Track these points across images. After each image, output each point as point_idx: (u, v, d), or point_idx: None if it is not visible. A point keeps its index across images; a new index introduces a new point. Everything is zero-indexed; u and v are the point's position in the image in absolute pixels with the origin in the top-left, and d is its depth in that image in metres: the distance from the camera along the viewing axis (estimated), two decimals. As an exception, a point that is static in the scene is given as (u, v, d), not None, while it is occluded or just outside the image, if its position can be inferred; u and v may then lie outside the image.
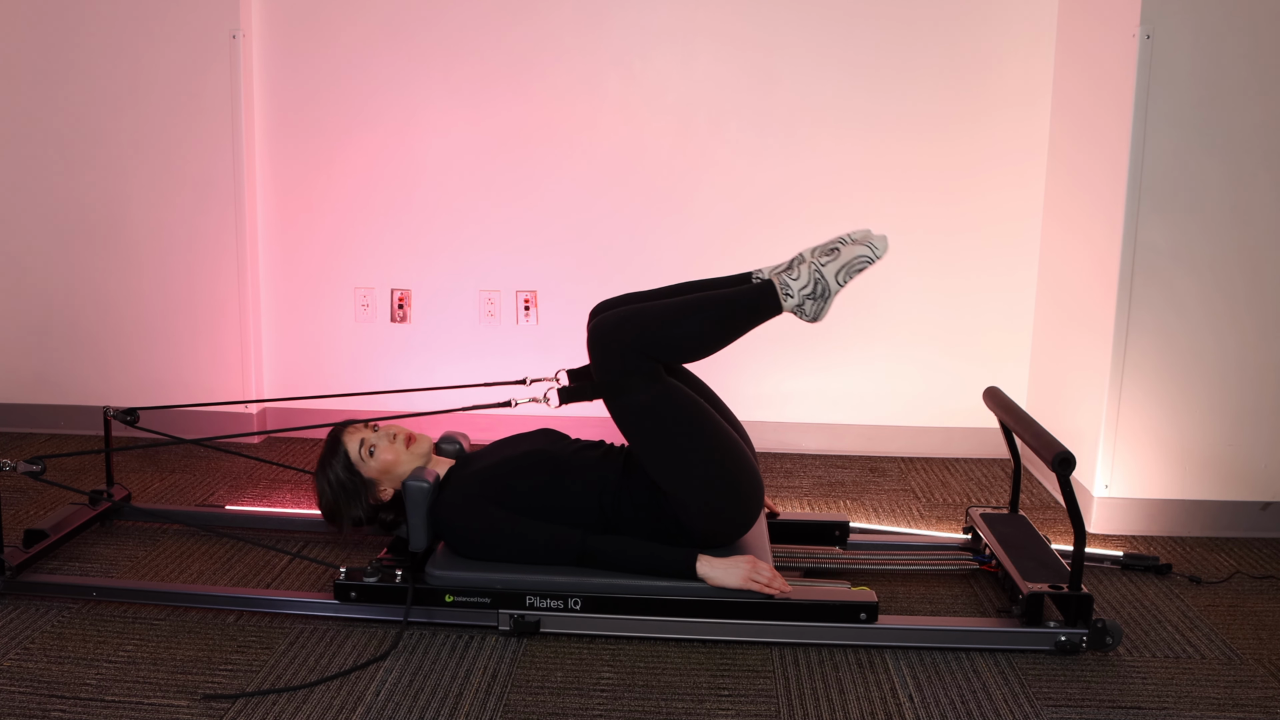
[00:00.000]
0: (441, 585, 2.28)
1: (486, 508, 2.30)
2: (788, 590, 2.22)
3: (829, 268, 2.22)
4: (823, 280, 2.22)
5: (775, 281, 2.24)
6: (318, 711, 2.00)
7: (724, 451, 2.27)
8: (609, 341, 2.23)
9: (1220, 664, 2.22)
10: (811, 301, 2.23)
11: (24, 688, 2.06)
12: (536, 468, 2.35)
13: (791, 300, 2.23)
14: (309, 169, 3.59)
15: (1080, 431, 3.02)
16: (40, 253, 3.65)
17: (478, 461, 2.41)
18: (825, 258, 2.24)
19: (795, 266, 2.26)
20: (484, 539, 2.29)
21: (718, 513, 2.28)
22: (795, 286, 2.23)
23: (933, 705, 2.05)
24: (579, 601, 2.25)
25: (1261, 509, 2.91)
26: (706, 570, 2.22)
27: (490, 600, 2.26)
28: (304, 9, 3.51)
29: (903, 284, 3.51)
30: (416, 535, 2.33)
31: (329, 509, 2.39)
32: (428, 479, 2.32)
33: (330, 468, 2.37)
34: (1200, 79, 2.74)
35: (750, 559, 2.24)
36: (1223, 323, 2.83)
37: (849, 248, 2.23)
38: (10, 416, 3.75)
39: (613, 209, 3.54)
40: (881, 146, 3.45)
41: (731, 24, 3.43)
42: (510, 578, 2.26)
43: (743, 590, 2.21)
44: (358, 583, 2.31)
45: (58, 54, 3.52)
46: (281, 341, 3.70)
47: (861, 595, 2.25)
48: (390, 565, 2.35)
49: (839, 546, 2.67)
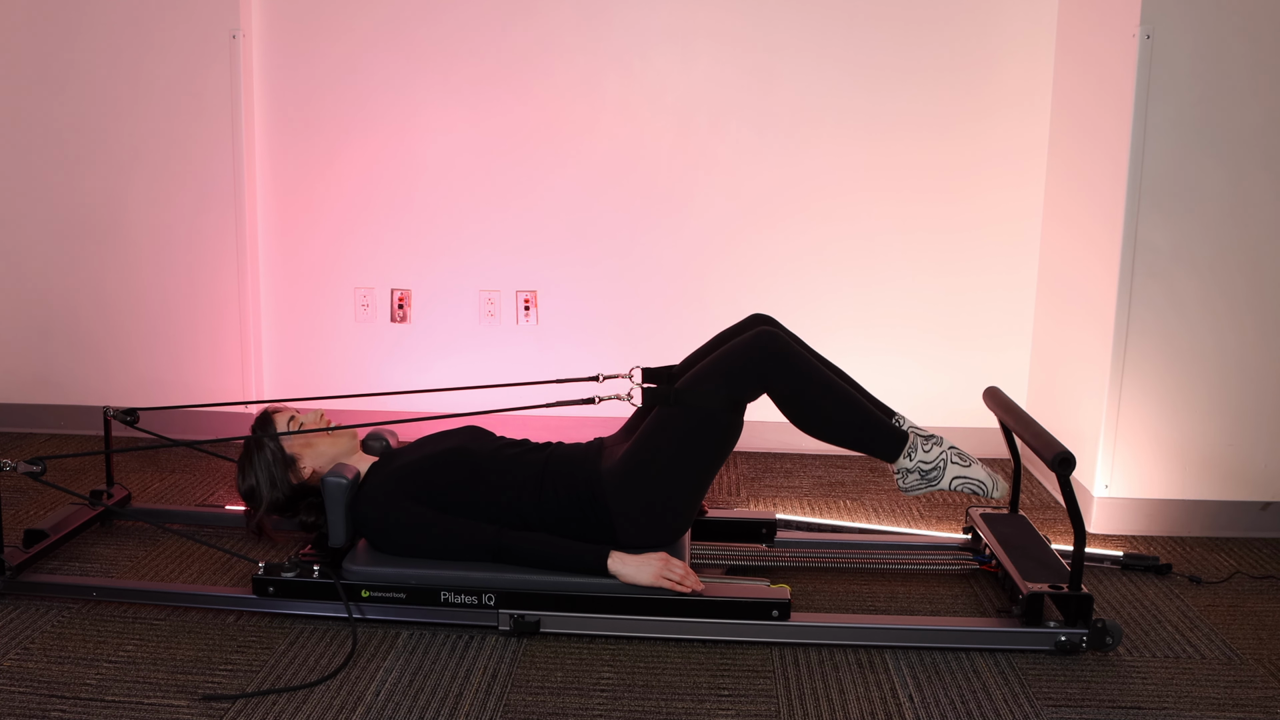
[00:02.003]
0: (358, 581, 2.30)
1: (404, 503, 2.32)
2: (700, 588, 2.23)
3: (953, 468, 2.31)
4: (940, 473, 2.31)
5: (911, 439, 2.32)
6: (318, 711, 2.00)
7: (700, 491, 2.34)
8: (766, 356, 2.28)
9: (1220, 664, 2.22)
10: (918, 477, 2.31)
11: (24, 688, 2.07)
12: (455, 465, 2.37)
13: (908, 463, 2.31)
14: (309, 169, 3.59)
15: (1080, 431, 3.02)
16: (40, 253, 3.65)
17: (399, 458, 2.42)
18: (958, 460, 2.32)
19: (934, 444, 2.33)
20: (401, 534, 2.31)
21: (654, 534, 2.31)
22: (919, 457, 2.31)
23: (933, 705, 2.05)
24: (493, 597, 2.26)
25: (1261, 509, 2.91)
26: (618, 567, 2.24)
27: (405, 596, 2.28)
28: (304, 9, 3.51)
29: (903, 283, 3.51)
30: (335, 531, 2.35)
31: (249, 485, 2.41)
32: (347, 475, 2.34)
33: (256, 439, 2.42)
34: (1200, 79, 2.74)
35: (662, 556, 2.25)
36: (1223, 323, 2.83)
37: (977, 469, 2.32)
38: (10, 416, 3.75)
39: (613, 209, 3.54)
40: (881, 146, 3.45)
41: (731, 24, 3.43)
42: (424, 573, 2.28)
43: (655, 588, 2.23)
44: (276, 578, 2.33)
45: (58, 54, 3.52)
46: (281, 341, 3.70)
47: (775, 593, 2.26)
48: (310, 560, 2.36)
49: (766, 544, 2.68)
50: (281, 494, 2.41)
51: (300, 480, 2.43)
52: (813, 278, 3.52)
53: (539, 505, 2.34)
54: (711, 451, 2.32)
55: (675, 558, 2.28)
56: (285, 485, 2.41)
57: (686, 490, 2.32)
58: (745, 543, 2.68)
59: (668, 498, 2.31)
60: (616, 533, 2.31)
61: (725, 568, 2.58)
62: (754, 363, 2.29)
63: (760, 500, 3.16)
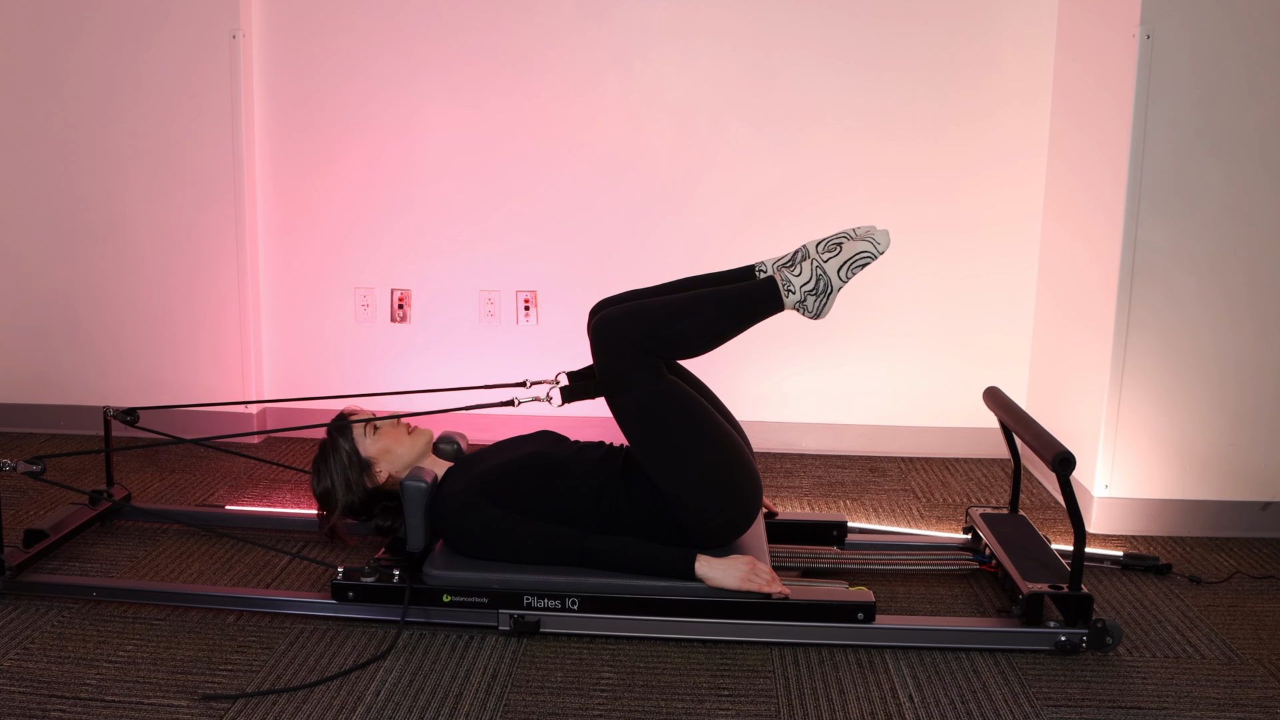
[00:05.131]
0: (439, 585, 2.29)
1: (486, 508, 2.30)
2: (786, 591, 2.22)
3: (831, 263, 2.21)
4: (825, 276, 2.20)
5: (778, 278, 2.23)
6: (318, 711, 2.00)
7: (723, 451, 2.27)
8: (612, 337, 2.22)
9: (1220, 664, 2.22)
10: (814, 298, 2.21)
11: (24, 688, 2.06)
12: (536, 469, 2.36)
13: (794, 296, 2.22)
14: (309, 169, 3.59)
15: (1080, 431, 3.02)
16: (40, 253, 3.65)
17: (479, 464, 2.41)
18: (828, 253, 2.22)
19: (798, 262, 2.26)
20: (483, 539, 2.29)
21: (716, 512, 2.28)
22: (798, 283, 2.21)
23: (933, 705, 2.05)
24: (576, 601, 2.25)
25: (1261, 509, 2.91)
26: (705, 570, 2.22)
27: (488, 600, 2.26)
28: (304, 9, 3.51)
29: (903, 284, 3.51)
30: (414, 535, 2.33)
31: (324, 488, 2.39)
32: (425, 479, 2.32)
33: (332, 442, 2.39)
34: (1200, 79, 2.74)
35: (749, 559, 2.24)
36: (1223, 323, 2.83)
37: (851, 243, 2.21)
38: (10, 416, 3.75)
39: (613, 208, 3.54)
40: (881, 146, 3.45)
41: (731, 24, 3.43)
42: (507, 578, 2.26)
43: (741, 590, 2.21)
44: (355, 582, 2.32)
45: (58, 54, 3.52)
46: (281, 341, 3.70)
47: (859, 595, 2.25)
48: (388, 565, 2.35)
49: (837, 546, 2.67)
50: (357, 497, 2.40)
51: (376, 484, 2.41)
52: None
53: (616, 508, 2.33)
54: (686, 419, 2.24)
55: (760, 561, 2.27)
56: (361, 489, 2.39)
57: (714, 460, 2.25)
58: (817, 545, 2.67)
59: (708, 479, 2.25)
60: (688, 531, 2.30)
61: (800, 570, 2.55)
62: (614, 344, 2.21)
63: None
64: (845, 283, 2.21)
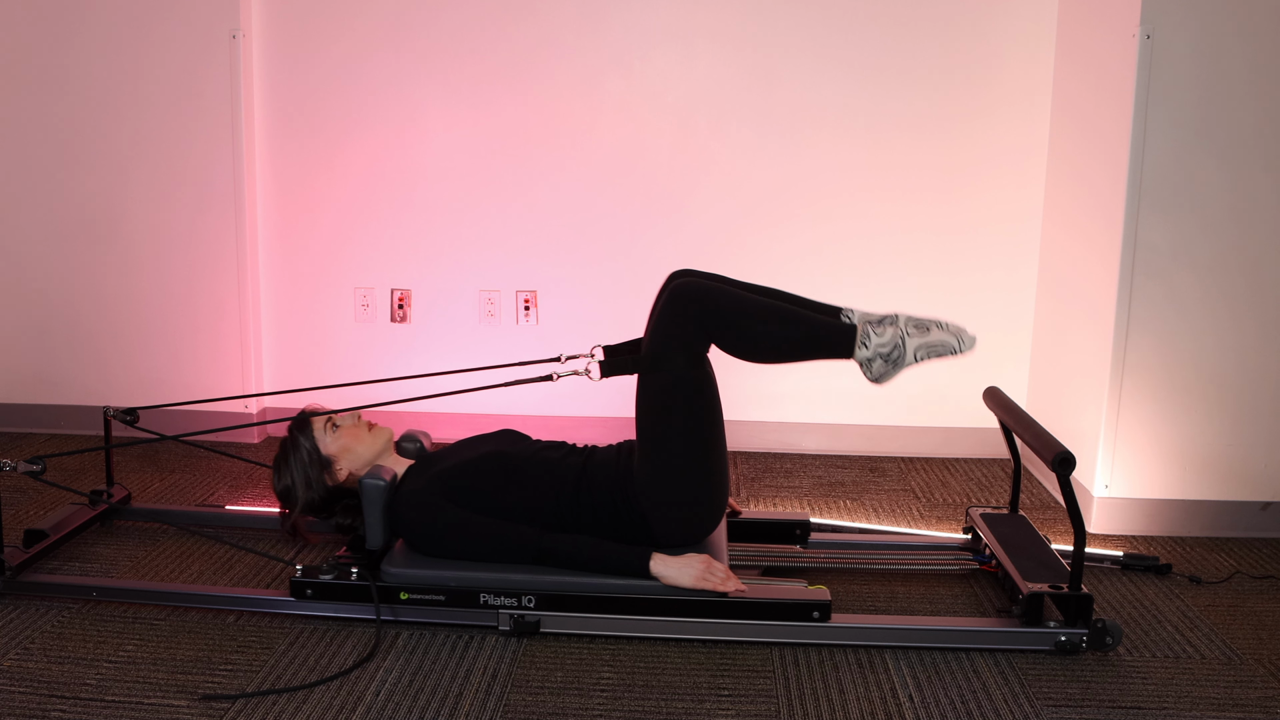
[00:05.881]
0: (396, 583, 2.30)
1: (444, 506, 2.31)
2: (743, 589, 2.23)
3: (913, 340, 2.23)
4: (902, 349, 2.23)
5: (860, 329, 2.25)
6: (318, 711, 2.00)
7: (713, 456, 2.30)
8: (688, 305, 2.23)
9: (1220, 664, 2.22)
10: (883, 363, 2.24)
11: (24, 688, 2.06)
12: (495, 469, 2.37)
13: (865, 352, 2.24)
14: (309, 169, 3.59)
15: (1080, 431, 3.02)
16: (40, 253, 3.65)
17: (438, 462, 2.42)
18: (914, 330, 2.25)
19: (885, 325, 2.26)
20: (441, 537, 2.30)
21: (683, 512, 2.30)
22: (875, 342, 2.23)
23: (933, 705, 2.05)
24: (532, 599, 2.25)
25: (1261, 509, 2.91)
26: (660, 569, 2.23)
27: (445, 598, 2.27)
28: (304, 9, 3.51)
29: (903, 283, 3.51)
30: (373, 533, 2.35)
31: (284, 486, 2.41)
32: (384, 477, 2.34)
33: (293, 439, 2.41)
34: (1200, 79, 2.74)
35: (704, 558, 2.24)
36: (1223, 323, 2.83)
37: (939, 332, 2.24)
38: (10, 416, 3.75)
39: (613, 208, 3.54)
40: (881, 146, 3.45)
41: (731, 24, 3.43)
42: (463, 575, 2.27)
43: (696, 589, 2.22)
44: (314, 580, 2.33)
45: (58, 54, 3.52)
46: (281, 342, 3.70)
47: (815, 594, 2.25)
48: (347, 563, 2.36)
49: (800, 545, 2.68)
50: (317, 495, 2.41)
51: (336, 482, 2.42)
52: (813, 278, 3.52)
53: (577, 507, 2.33)
54: (698, 411, 2.26)
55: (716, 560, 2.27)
56: (321, 487, 2.41)
57: (698, 461, 2.28)
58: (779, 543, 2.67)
59: (685, 476, 2.28)
60: (652, 528, 2.30)
61: (760, 569, 2.56)
62: (681, 318, 2.24)
63: (760, 500, 3.16)
64: (917, 363, 2.24)
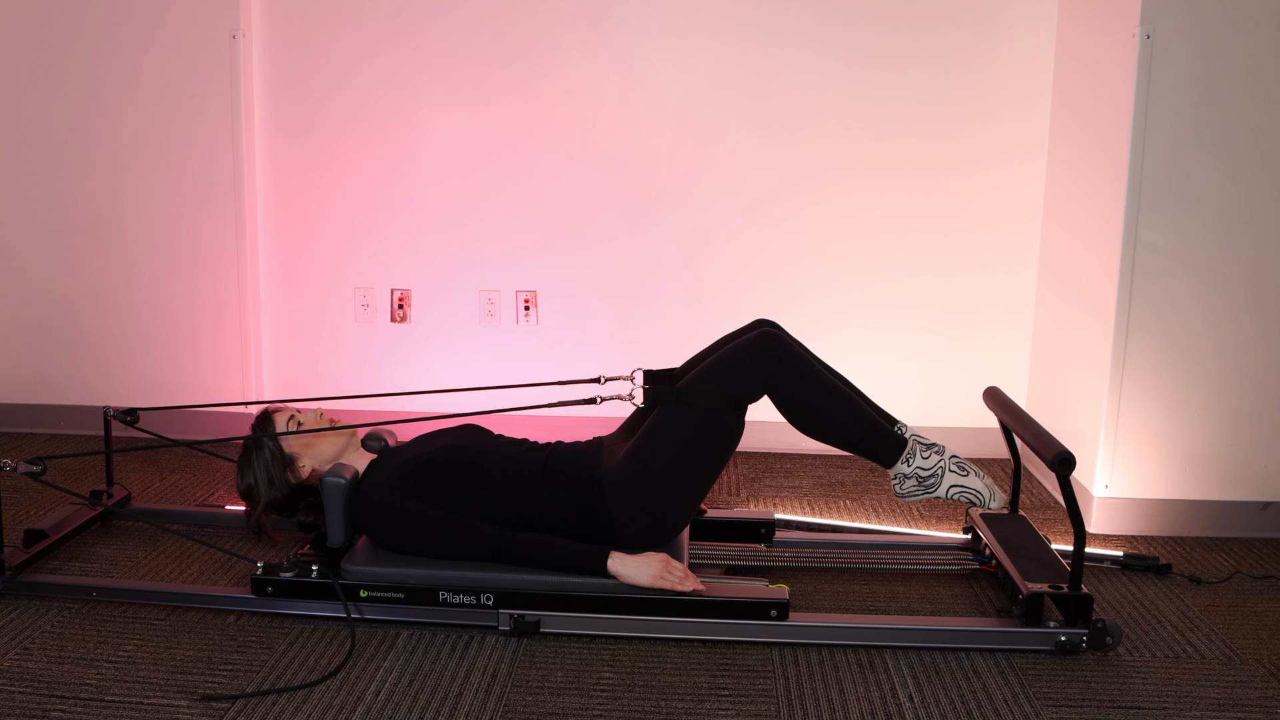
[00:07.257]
0: (356, 581, 2.30)
1: (404, 501, 2.32)
2: (700, 588, 2.23)
3: (951, 476, 2.31)
4: (938, 480, 2.31)
5: (909, 446, 2.32)
6: (318, 711, 2.00)
7: (702, 490, 2.34)
8: (774, 357, 2.30)
9: (1220, 664, 2.22)
10: (917, 483, 2.31)
11: (24, 688, 2.07)
12: (454, 462, 2.37)
13: (905, 467, 2.31)
14: (309, 169, 3.59)
15: (1080, 431, 3.02)
16: (40, 253, 3.65)
17: (398, 455, 2.42)
18: (956, 469, 2.32)
19: (933, 452, 2.33)
20: (399, 532, 2.31)
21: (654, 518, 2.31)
22: (917, 463, 2.31)
23: (933, 705, 2.05)
24: (491, 597, 2.26)
25: (1261, 509, 2.91)
26: (617, 567, 2.23)
27: (404, 595, 2.28)
28: (304, 9, 3.51)
29: (903, 283, 3.51)
30: (334, 531, 2.35)
31: (247, 484, 2.42)
32: (345, 475, 2.34)
33: (255, 438, 2.43)
34: (1200, 79, 2.74)
35: (662, 557, 2.25)
36: (1223, 323, 2.83)
37: (975, 479, 2.32)
38: (10, 416, 3.75)
39: (612, 208, 3.54)
40: (881, 146, 3.45)
41: (731, 24, 3.43)
42: (423, 573, 2.28)
43: (653, 588, 2.23)
44: (275, 578, 2.33)
45: (58, 54, 3.52)
46: (281, 341, 3.70)
47: (774, 593, 2.25)
48: (308, 560, 2.36)
49: (765, 544, 2.68)
50: (280, 493, 2.42)
51: (299, 480, 2.43)
52: (813, 277, 3.52)
53: (538, 504, 2.34)
54: (714, 452, 2.32)
55: (674, 558, 2.29)
56: (284, 484, 2.42)
57: (687, 491, 2.32)
58: (744, 542, 2.68)
59: (668, 498, 2.31)
60: (616, 532, 2.31)
61: (724, 568, 2.58)
62: (757, 363, 2.29)
63: (760, 500, 3.16)
64: (945, 498, 2.32)
